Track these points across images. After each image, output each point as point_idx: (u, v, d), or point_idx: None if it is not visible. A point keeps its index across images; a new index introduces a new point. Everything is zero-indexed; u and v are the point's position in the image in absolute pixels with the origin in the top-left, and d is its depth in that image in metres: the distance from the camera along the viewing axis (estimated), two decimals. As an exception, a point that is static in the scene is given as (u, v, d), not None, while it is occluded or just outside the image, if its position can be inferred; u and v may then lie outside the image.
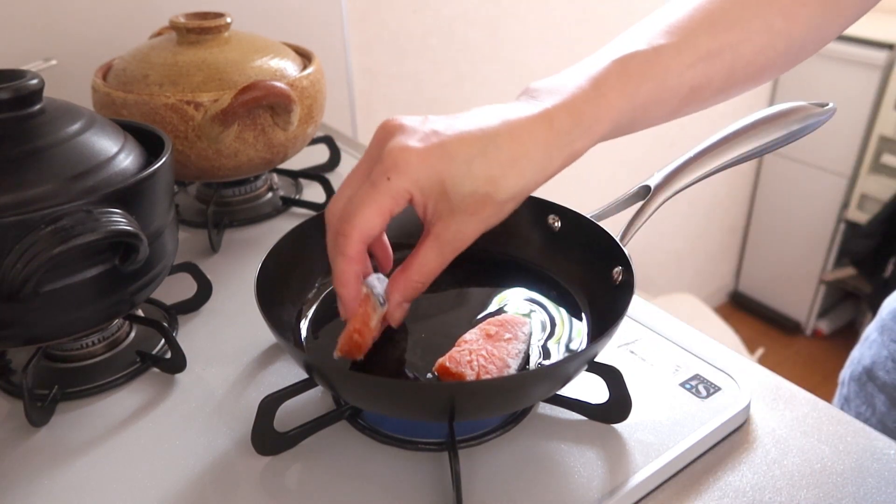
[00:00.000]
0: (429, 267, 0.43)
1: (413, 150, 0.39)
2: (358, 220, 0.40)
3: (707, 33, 0.42)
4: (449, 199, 0.40)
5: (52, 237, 0.41)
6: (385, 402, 0.43)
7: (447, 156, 0.39)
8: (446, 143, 0.39)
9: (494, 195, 0.40)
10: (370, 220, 0.40)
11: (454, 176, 0.39)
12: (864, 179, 1.96)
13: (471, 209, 0.40)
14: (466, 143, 0.39)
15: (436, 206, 0.41)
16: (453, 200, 0.40)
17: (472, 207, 0.40)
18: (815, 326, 2.25)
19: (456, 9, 1.31)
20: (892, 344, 0.66)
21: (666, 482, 0.44)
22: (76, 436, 0.48)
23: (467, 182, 0.39)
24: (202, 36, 0.70)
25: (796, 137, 0.53)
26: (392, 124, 0.41)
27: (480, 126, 0.40)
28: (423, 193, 0.40)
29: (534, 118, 0.40)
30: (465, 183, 0.39)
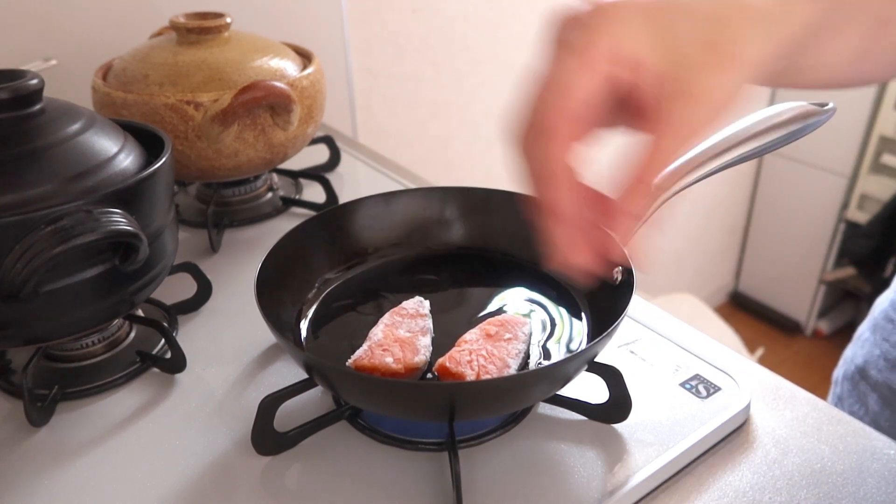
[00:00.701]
0: (664, 155, 0.33)
1: (622, 2, 0.30)
2: (564, 90, 0.30)
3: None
4: (680, 51, 0.31)
5: (52, 237, 0.41)
6: (385, 402, 0.43)
7: (664, 5, 0.31)
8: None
9: (732, 44, 0.32)
10: (582, 87, 0.30)
11: (677, 21, 0.31)
12: (864, 179, 1.96)
13: (713, 62, 0.31)
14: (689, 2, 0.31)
15: (666, 68, 0.31)
16: (686, 51, 0.31)
17: (713, 58, 0.31)
18: (815, 326, 2.25)
19: (456, 9, 1.31)
20: (884, 343, 0.66)
21: (666, 482, 0.44)
22: (76, 436, 0.48)
23: (696, 28, 0.31)
24: (202, 36, 0.70)
25: (796, 137, 0.53)
26: (567, 10, 0.32)
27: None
28: (645, 49, 0.31)
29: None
30: (693, 29, 0.31)
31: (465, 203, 0.60)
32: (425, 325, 0.49)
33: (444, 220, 0.60)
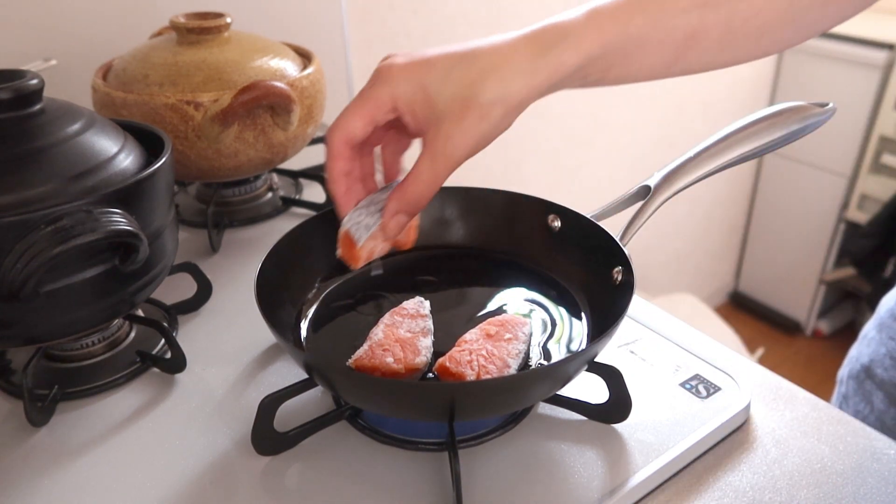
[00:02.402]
0: (423, 178, 0.44)
1: (395, 63, 0.43)
2: (341, 121, 0.44)
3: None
4: (432, 104, 0.42)
5: (52, 237, 0.41)
6: (385, 402, 0.43)
7: (427, 65, 0.42)
8: (429, 57, 0.42)
9: (476, 98, 0.41)
10: (351, 119, 0.44)
11: (434, 81, 0.42)
12: (864, 179, 1.96)
13: (455, 115, 0.41)
14: (449, 56, 0.42)
15: (422, 114, 0.43)
16: (437, 105, 0.42)
17: (456, 113, 0.41)
18: (815, 326, 2.25)
19: (456, 9, 1.31)
20: (890, 342, 0.66)
21: (666, 482, 0.44)
22: (76, 436, 0.48)
23: (447, 86, 0.41)
24: (202, 36, 0.70)
25: (796, 137, 0.53)
26: (388, 55, 0.45)
27: (467, 46, 0.42)
28: (406, 101, 0.43)
29: (519, 37, 0.42)
30: (445, 87, 0.41)
31: (464, 203, 0.60)
32: (426, 325, 0.49)
33: (444, 220, 0.60)
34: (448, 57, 0.42)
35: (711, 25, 0.43)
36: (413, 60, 0.42)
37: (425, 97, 0.42)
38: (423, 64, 0.42)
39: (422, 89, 0.42)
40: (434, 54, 0.43)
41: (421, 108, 0.43)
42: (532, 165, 1.57)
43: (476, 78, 0.41)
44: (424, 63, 0.42)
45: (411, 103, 0.43)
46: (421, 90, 0.42)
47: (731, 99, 1.98)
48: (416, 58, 0.43)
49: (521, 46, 0.42)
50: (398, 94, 0.42)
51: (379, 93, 0.43)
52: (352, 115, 0.44)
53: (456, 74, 0.41)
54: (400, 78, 0.42)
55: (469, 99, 0.41)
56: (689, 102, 1.87)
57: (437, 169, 0.43)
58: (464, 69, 0.41)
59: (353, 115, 0.44)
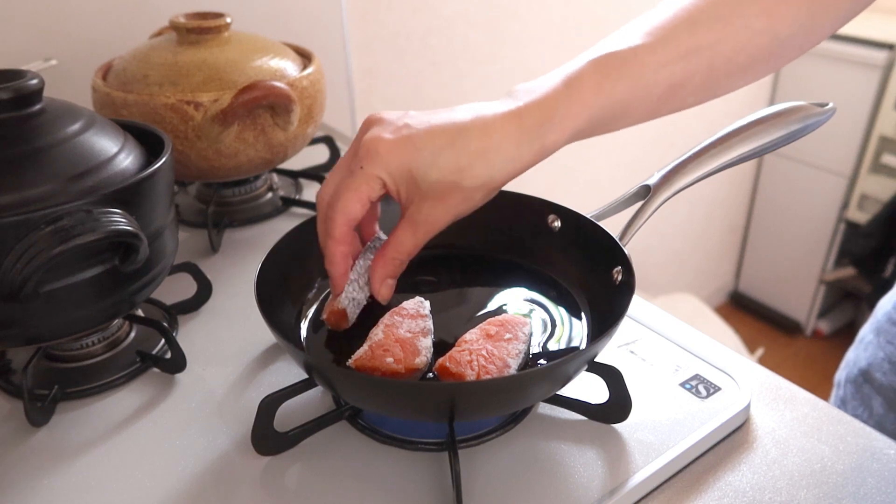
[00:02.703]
0: (404, 246, 0.46)
1: (383, 141, 0.43)
2: (340, 205, 0.45)
3: (686, 32, 0.43)
4: (418, 185, 0.44)
5: (52, 237, 0.41)
6: (385, 402, 0.43)
7: (414, 147, 0.43)
8: (414, 135, 0.43)
9: (461, 183, 0.43)
10: (351, 204, 0.45)
11: (420, 166, 0.43)
12: (864, 179, 1.96)
13: (439, 196, 0.44)
14: (434, 136, 0.43)
15: (407, 191, 0.44)
16: (422, 187, 0.43)
17: (440, 194, 0.43)
18: (815, 326, 2.25)
19: (456, 9, 1.31)
20: (888, 346, 0.66)
21: (666, 482, 0.44)
22: (76, 436, 0.48)
23: (433, 171, 0.43)
24: (202, 36, 0.70)
25: (796, 137, 0.53)
26: (373, 118, 0.45)
27: (453, 120, 0.43)
28: (394, 180, 0.44)
29: (505, 115, 0.43)
30: (431, 172, 0.43)
31: (465, 203, 0.60)
32: (426, 325, 0.49)
33: (444, 220, 0.60)
34: (436, 137, 0.42)
35: (693, 73, 0.44)
36: (398, 138, 0.43)
37: (411, 179, 0.43)
38: (408, 145, 0.43)
39: (408, 171, 0.43)
40: (419, 130, 0.43)
41: (406, 187, 0.44)
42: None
43: (463, 165, 0.42)
44: (410, 144, 0.43)
45: (398, 183, 0.44)
46: (407, 172, 0.43)
47: (731, 99, 1.98)
48: (403, 136, 0.43)
49: (508, 129, 0.42)
50: (386, 177, 0.44)
51: (370, 174, 0.44)
52: (350, 202, 0.44)
53: (443, 161, 0.42)
54: (389, 158, 0.43)
55: (455, 184, 0.43)
56: (689, 102, 1.87)
57: (418, 237, 0.46)
58: (451, 156, 0.42)
59: (353, 199, 0.44)
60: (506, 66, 1.43)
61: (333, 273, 0.48)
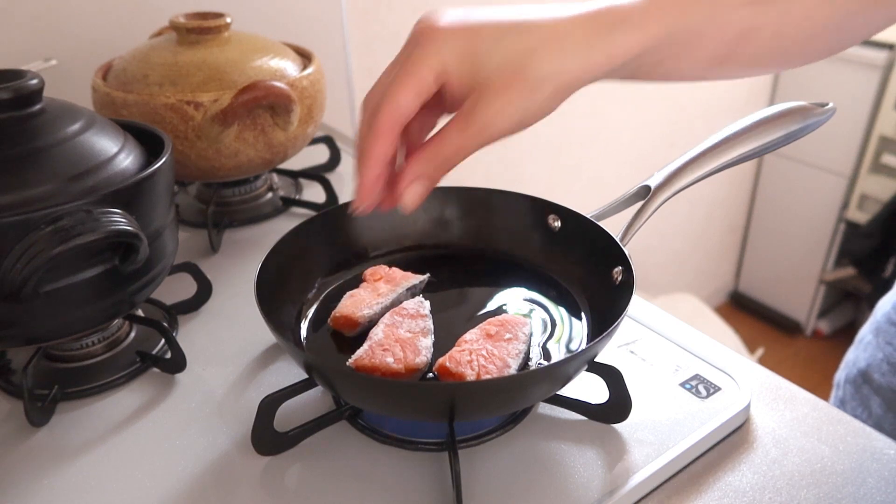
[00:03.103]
0: (449, 143, 0.40)
1: (440, 27, 0.38)
2: (389, 97, 0.39)
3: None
4: (478, 72, 0.38)
5: (52, 237, 0.41)
6: (385, 402, 0.43)
7: (476, 30, 0.38)
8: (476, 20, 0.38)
9: (527, 68, 0.38)
10: (401, 97, 0.39)
11: (482, 45, 0.38)
12: (864, 179, 1.96)
13: (500, 85, 0.38)
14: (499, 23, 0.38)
15: (467, 82, 0.39)
16: (481, 73, 0.38)
17: (502, 83, 0.38)
18: (815, 326, 2.25)
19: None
20: (887, 346, 0.66)
21: (666, 482, 0.44)
22: (76, 436, 0.48)
23: (497, 52, 0.38)
24: (202, 36, 0.70)
25: (796, 137, 0.53)
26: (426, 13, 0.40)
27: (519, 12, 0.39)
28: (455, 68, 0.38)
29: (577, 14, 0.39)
30: (494, 53, 0.38)
31: (465, 203, 0.60)
32: (426, 325, 0.49)
33: (444, 220, 0.60)
34: (499, 24, 0.38)
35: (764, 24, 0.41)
36: (458, 23, 0.38)
37: (472, 64, 0.38)
38: (471, 29, 0.38)
39: (470, 55, 0.38)
40: (482, 20, 0.38)
41: (466, 76, 0.38)
42: (532, 165, 1.57)
43: (531, 48, 0.37)
44: (472, 28, 0.38)
45: (456, 71, 0.38)
46: (469, 56, 0.38)
47: (731, 99, 1.98)
48: (462, 21, 0.38)
49: (581, 23, 0.38)
50: (444, 62, 0.38)
51: (426, 61, 0.38)
52: (402, 90, 0.38)
53: (508, 41, 0.37)
54: (446, 42, 0.38)
55: (520, 69, 0.37)
56: (689, 102, 1.87)
57: (467, 135, 0.39)
58: (517, 38, 0.38)
59: (404, 90, 0.38)
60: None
61: (365, 175, 0.40)
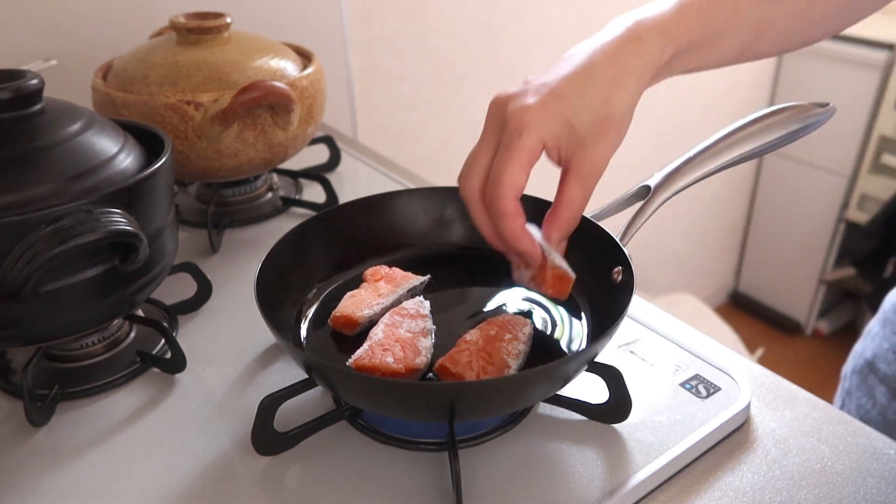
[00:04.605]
0: (576, 201, 0.45)
1: (532, 106, 0.43)
2: (506, 179, 0.43)
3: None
4: (576, 133, 0.43)
5: (52, 237, 0.41)
6: (385, 402, 0.43)
7: (561, 97, 0.43)
8: (555, 88, 0.43)
9: (611, 112, 0.43)
10: (517, 176, 0.43)
11: (573, 111, 0.43)
12: (864, 179, 1.96)
13: (597, 135, 0.43)
14: (571, 81, 0.43)
15: (567, 145, 0.44)
16: (580, 133, 0.43)
17: (598, 132, 0.43)
18: (815, 326, 2.25)
19: (456, 9, 1.31)
20: (893, 336, 0.66)
21: (666, 482, 0.44)
22: (76, 436, 0.48)
23: (585, 112, 0.43)
24: (202, 36, 0.70)
25: (796, 137, 0.53)
26: (502, 96, 0.45)
27: (578, 63, 0.44)
28: (554, 138, 0.43)
29: (621, 37, 0.44)
30: (584, 113, 0.43)
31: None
32: (426, 325, 0.49)
33: (444, 220, 0.60)
34: (573, 82, 0.43)
35: (777, 16, 0.47)
36: (544, 97, 0.43)
37: (569, 129, 0.43)
38: (557, 98, 0.43)
39: (566, 123, 0.43)
40: (557, 83, 0.43)
41: (566, 140, 0.44)
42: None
43: (607, 94, 0.43)
44: (557, 96, 0.43)
45: (557, 139, 0.43)
46: (564, 124, 0.43)
47: (731, 99, 1.98)
48: (546, 93, 0.43)
49: (627, 49, 0.44)
50: (546, 136, 0.43)
51: (530, 142, 0.43)
52: (516, 172, 0.43)
53: (589, 97, 0.43)
54: (543, 118, 0.43)
55: (606, 117, 0.43)
56: (689, 102, 1.87)
57: (587, 189, 0.45)
58: (594, 89, 0.43)
59: (517, 171, 0.43)
60: (506, 66, 1.43)
61: (525, 247, 0.46)
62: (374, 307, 0.51)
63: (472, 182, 0.45)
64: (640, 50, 0.44)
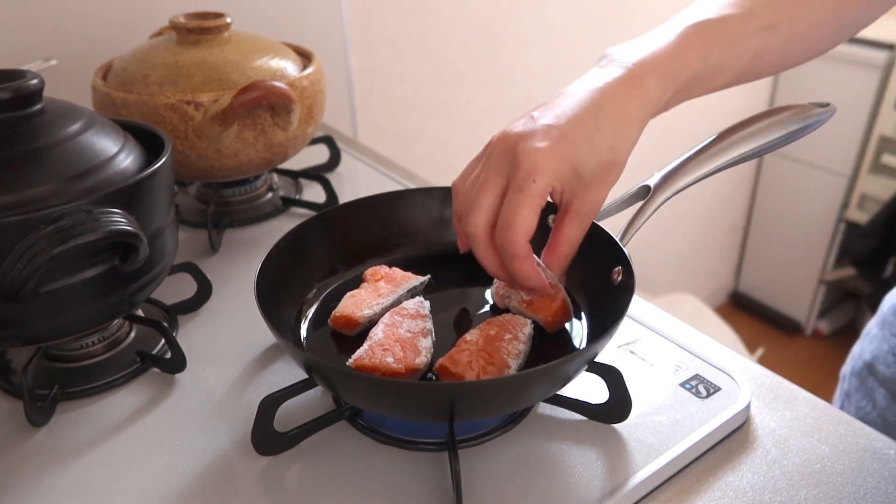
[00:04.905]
0: (574, 238, 0.47)
1: (544, 150, 0.44)
2: (520, 223, 0.44)
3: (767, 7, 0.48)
4: (581, 177, 0.44)
5: (52, 237, 0.41)
6: (385, 402, 0.43)
7: (572, 143, 0.44)
8: (566, 132, 0.44)
9: (616, 159, 0.45)
10: (530, 220, 0.44)
11: (581, 157, 0.44)
12: (864, 179, 1.96)
13: (600, 179, 0.45)
14: (580, 125, 0.44)
15: (571, 187, 0.45)
16: (585, 177, 0.44)
17: (601, 177, 0.45)
18: (815, 326, 2.25)
19: (456, 9, 1.31)
20: (892, 338, 0.66)
21: (666, 482, 0.44)
22: (76, 436, 0.48)
23: (593, 158, 0.44)
24: (202, 36, 0.70)
25: (796, 137, 0.53)
26: (511, 135, 0.45)
27: (583, 104, 0.45)
28: (561, 182, 0.44)
29: (624, 80, 0.45)
30: (591, 159, 0.44)
31: (465, 203, 0.60)
32: (426, 325, 0.49)
33: (444, 220, 0.60)
34: (582, 126, 0.44)
35: (774, 45, 0.48)
36: (555, 142, 0.43)
37: (575, 174, 0.44)
38: (567, 143, 0.43)
39: (572, 168, 0.44)
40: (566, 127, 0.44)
41: (570, 183, 0.45)
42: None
43: (613, 142, 0.44)
44: (568, 142, 0.43)
45: (563, 182, 0.45)
46: (572, 169, 0.44)
47: (731, 99, 1.98)
48: (555, 137, 0.44)
49: (631, 95, 0.45)
50: (556, 179, 0.44)
51: (542, 185, 0.44)
52: (527, 215, 0.44)
53: (597, 145, 0.44)
54: (554, 164, 0.43)
55: (611, 163, 0.44)
56: (689, 103, 1.87)
57: (585, 227, 0.47)
58: (601, 136, 0.44)
59: (529, 215, 0.44)
60: (506, 66, 1.43)
61: (539, 285, 0.47)
62: (374, 307, 0.51)
63: (478, 220, 0.46)
64: (643, 96, 0.45)
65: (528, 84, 1.48)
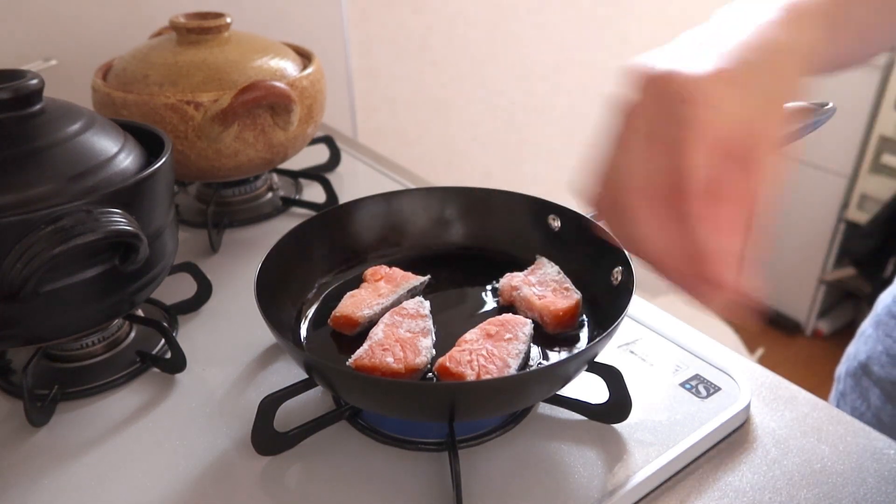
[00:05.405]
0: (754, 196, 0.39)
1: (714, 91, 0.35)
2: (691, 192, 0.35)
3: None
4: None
5: (52, 237, 0.41)
6: (385, 402, 0.43)
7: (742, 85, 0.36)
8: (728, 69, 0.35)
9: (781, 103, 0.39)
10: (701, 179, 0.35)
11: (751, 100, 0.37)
12: (864, 179, 1.96)
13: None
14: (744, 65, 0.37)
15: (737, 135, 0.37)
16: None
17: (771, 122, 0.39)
18: (815, 326, 2.25)
19: (456, 9, 1.31)
20: (886, 339, 0.66)
21: (666, 482, 0.44)
22: (76, 436, 0.48)
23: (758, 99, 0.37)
24: (202, 36, 0.70)
25: (796, 137, 0.53)
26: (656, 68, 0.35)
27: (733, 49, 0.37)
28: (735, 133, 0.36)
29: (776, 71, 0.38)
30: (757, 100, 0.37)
31: (465, 203, 0.60)
32: (426, 325, 0.49)
33: (444, 220, 0.60)
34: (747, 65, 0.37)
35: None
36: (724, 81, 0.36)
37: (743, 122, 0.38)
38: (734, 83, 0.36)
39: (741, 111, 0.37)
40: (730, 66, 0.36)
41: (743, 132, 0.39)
42: (532, 165, 1.57)
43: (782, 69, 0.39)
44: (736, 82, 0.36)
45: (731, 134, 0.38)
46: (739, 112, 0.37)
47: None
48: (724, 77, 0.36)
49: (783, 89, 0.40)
50: (722, 127, 0.37)
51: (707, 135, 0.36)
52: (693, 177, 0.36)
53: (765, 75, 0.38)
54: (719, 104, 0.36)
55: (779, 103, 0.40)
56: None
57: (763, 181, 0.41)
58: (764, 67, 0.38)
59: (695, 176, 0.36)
60: (506, 66, 1.43)
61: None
62: (374, 307, 0.51)
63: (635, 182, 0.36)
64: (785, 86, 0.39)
65: (529, 84, 1.48)
